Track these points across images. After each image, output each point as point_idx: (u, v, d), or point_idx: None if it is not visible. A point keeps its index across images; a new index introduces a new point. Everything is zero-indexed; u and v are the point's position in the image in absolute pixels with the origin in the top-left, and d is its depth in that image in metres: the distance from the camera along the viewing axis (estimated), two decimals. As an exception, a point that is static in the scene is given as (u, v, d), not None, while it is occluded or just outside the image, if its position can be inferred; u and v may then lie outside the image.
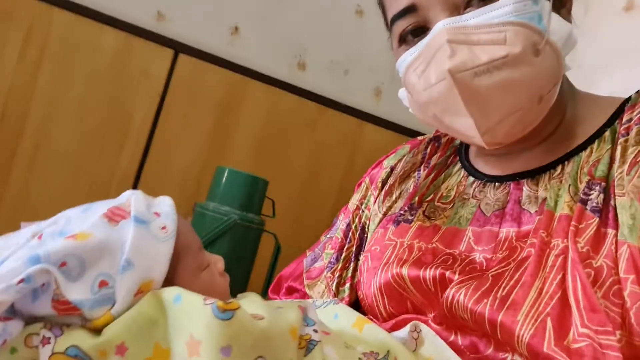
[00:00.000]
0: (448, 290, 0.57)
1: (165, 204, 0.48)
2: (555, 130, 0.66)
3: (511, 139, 0.63)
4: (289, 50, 1.72)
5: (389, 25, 0.68)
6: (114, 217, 0.43)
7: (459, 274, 0.58)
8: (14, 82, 1.42)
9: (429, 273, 0.60)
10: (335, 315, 0.61)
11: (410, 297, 0.63)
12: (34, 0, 1.43)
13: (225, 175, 1.19)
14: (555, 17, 0.59)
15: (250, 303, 0.45)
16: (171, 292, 0.42)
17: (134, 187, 1.53)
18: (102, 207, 0.45)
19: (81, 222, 0.43)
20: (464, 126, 0.60)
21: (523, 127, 0.61)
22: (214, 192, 1.18)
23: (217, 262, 0.51)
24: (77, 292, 0.40)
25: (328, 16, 1.72)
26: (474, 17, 0.58)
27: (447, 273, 0.59)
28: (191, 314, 0.40)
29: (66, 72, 1.47)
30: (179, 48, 1.57)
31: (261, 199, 1.22)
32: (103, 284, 0.41)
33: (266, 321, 0.41)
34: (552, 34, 0.58)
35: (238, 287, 1.18)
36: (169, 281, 0.45)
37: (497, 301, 0.52)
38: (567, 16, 0.65)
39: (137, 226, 0.43)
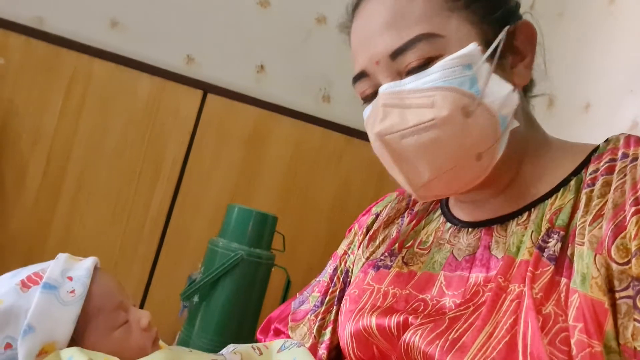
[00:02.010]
0: (406, 334, 0.59)
1: (82, 268, 0.52)
2: (516, 178, 0.67)
3: (452, 193, 0.66)
4: (314, 84, 1.78)
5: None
6: (28, 282, 0.49)
7: (422, 318, 0.60)
8: (58, 129, 1.57)
9: (394, 320, 0.62)
10: (294, 359, 0.63)
11: (375, 342, 0.65)
12: (76, 52, 1.58)
13: (235, 212, 1.24)
14: (494, 79, 0.61)
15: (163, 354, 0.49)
16: (67, 353, 0.47)
17: (167, 220, 1.63)
18: (26, 272, 0.51)
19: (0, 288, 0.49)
20: (400, 181, 0.64)
21: (465, 182, 0.63)
22: (225, 229, 1.24)
23: (141, 318, 0.55)
24: None
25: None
26: (411, 82, 0.61)
27: (411, 318, 0.61)
28: None
29: (105, 117, 1.60)
30: (207, 88, 1.67)
31: (270, 234, 1.26)
32: (8, 346, 0.47)
33: None
34: (487, 96, 0.60)
35: (249, 320, 1.23)
36: (78, 340, 0.50)
37: (448, 343, 0.54)
38: (524, 70, 0.65)
39: (43, 292, 0.48)
